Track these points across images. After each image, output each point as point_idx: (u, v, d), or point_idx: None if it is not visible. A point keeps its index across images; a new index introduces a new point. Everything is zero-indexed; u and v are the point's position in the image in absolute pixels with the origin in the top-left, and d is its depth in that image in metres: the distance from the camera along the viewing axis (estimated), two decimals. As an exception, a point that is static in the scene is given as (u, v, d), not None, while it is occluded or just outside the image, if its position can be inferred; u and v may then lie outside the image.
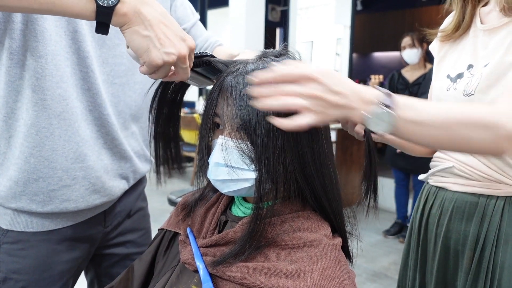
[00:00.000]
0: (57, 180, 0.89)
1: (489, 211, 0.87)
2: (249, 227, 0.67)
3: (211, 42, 1.16)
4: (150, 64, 0.64)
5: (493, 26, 0.88)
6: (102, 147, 0.95)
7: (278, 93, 0.58)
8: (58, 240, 0.94)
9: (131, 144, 1.03)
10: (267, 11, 4.57)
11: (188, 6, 1.14)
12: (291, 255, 0.66)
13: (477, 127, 0.62)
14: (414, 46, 3.12)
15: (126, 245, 1.11)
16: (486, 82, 0.83)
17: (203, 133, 0.72)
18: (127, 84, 0.98)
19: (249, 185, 0.69)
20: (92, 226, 1.00)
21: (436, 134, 0.63)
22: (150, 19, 0.63)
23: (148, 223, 1.19)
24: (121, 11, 0.62)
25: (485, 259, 0.87)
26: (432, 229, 0.98)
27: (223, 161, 0.69)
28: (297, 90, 0.58)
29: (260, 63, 0.70)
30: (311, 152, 0.68)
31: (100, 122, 0.94)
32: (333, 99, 0.58)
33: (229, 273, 0.66)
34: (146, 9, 0.64)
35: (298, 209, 0.72)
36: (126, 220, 1.10)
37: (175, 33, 0.66)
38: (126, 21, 0.63)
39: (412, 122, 0.62)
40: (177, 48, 0.65)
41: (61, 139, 0.88)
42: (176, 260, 0.78)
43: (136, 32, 0.63)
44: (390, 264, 2.92)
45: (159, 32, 0.64)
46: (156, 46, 0.63)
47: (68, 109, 0.87)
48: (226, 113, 0.69)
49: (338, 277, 0.63)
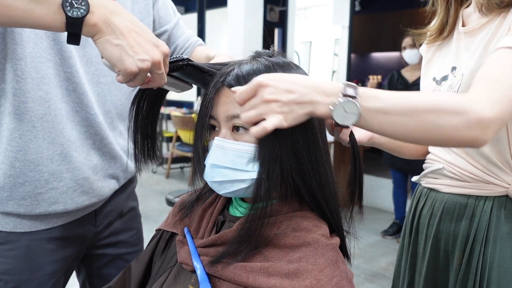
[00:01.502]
0: (43, 183, 0.89)
1: (478, 211, 0.88)
2: (246, 226, 0.67)
3: (191, 42, 1.16)
4: (125, 72, 0.64)
5: (473, 27, 0.88)
6: (91, 148, 0.95)
7: (247, 109, 0.63)
8: (47, 240, 0.94)
9: (120, 143, 1.03)
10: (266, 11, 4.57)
11: (170, 6, 1.14)
12: (289, 255, 0.66)
13: (446, 113, 0.62)
14: (415, 47, 3.13)
15: (117, 246, 1.11)
16: (467, 83, 0.84)
17: (198, 135, 0.72)
18: (112, 83, 0.97)
19: (246, 185, 0.69)
20: (82, 225, 1.00)
21: (404, 123, 0.62)
22: (121, 28, 0.63)
23: (139, 223, 1.19)
24: (90, 21, 0.62)
25: (474, 259, 0.88)
26: (423, 230, 0.99)
27: (219, 163, 0.69)
28: (254, 101, 0.63)
29: (254, 63, 0.71)
30: (307, 151, 0.68)
31: (87, 123, 0.93)
32: (289, 97, 0.61)
33: (226, 273, 0.66)
34: (117, 19, 0.64)
35: (296, 209, 0.72)
36: (117, 220, 1.10)
37: (147, 40, 0.66)
38: (97, 31, 0.63)
39: (378, 112, 0.62)
40: (150, 55, 0.65)
41: (45, 141, 0.88)
42: (174, 260, 0.78)
43: (108, 41, 0.63)
44: (388, 264, 2.92)
45: (131, 40, 0.64)
46: (129, 54, 0.63)
47: (51, 111, 0.87)
48: (222, 114, 0.69)
49: (336, 277, 0.63)
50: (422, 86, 1.02)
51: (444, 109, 0.62)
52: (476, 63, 0.83)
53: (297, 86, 0.62)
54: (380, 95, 0.63)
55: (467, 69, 0.85)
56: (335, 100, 0.61)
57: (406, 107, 0.62)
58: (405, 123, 0.63)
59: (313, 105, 0.62)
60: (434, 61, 1.00)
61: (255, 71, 0.69)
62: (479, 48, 0.84)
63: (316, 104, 0.62)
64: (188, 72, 0.75)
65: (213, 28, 6.04)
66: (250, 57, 0.74)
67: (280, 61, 0.72)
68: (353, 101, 0.61)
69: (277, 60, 0.72)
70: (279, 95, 0.61)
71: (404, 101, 0.63)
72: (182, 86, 0.80)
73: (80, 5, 0.61)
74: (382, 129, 0.65)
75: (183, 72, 0.74)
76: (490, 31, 0.83)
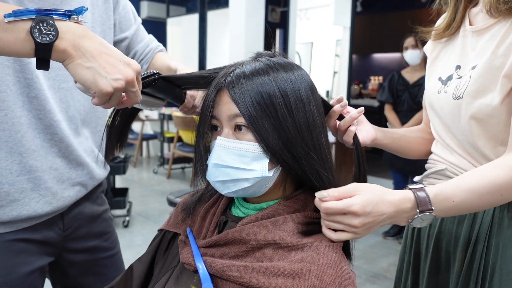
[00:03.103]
0: (4, 195, 0.87)
1: (480, 213, 0.88)
2: (248, 226, 0.68)
3: (152, 47, 1.15)
4: (101, 93, 0.64)
5: (480, 27, 0.88)
6: (56, 156, 0.93)
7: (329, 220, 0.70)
8: (15, 242, 0.91)
9: (86, 149, 1.01)
10: (267, 12, 4.57)
11: (131, 10, 1.13)
12: (292, 256, 0.66)
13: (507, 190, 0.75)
14: (417, 47, 3.11)
15: (91, 251, 1.08)
16: (474, 85, 0.84)
17: (200, 135, 0.72)
18: (74, 88, 0.95)
19: (249, 184, 0.69)
20: (49, 226, 0.97)
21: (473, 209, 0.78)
22: (91, 50, 0.63)
23: (111, 226, 1.16)
24: (60, 47, 0.61)
25: (476, 260, 0.87)
26: (425, 231, 0.99)
27: (222, 162, 0.69)
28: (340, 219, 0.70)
29: (256, 64, 0.71)
30: (309, 149, 0.69)
31: (51, 130, 0.91)
32: (374, 228, 0.72)
33: (229, 274, 0.66)
34: (86, 42, 0.64)
35: (298, 209, 0.72)
36: (87, 224, 1.07)
37: (118, 60, 0.66)
38: (67, 56, 0.63)
39: (450, 210, 0.76)
40: (123, 73, 0.65)
41: (2, 151, 0.86)
42: (176, 260, 0.78)
43: (79, 65, 0.63)
44: (389, 265, 2.92)
45: (102, 61, 0.64)
46: (102, 75, 0.63)
47: (8, 119, 0.85)
48: (224, 114, 0.70)
49: (339, 278, 0.63)
50: (427, 85, 1.01)
51: (506, 188, 0.74)
52: (485, 66, 0.82)
53: (382, 209, 0.70)
54: (450, 195, 0.74)
55: (474, 71, 0.85)
56: (414, 215, 0.73)
57: (474, 198, 0.75)
58: (474, 209, 0.78)
59: (393, 220, 0.73)
60: (439, 60, 1.00)
61: (258, 71, 0.69)
62: (488, 51, 0.83)
63: (398, 220, 0.74)
64: (160, 86, 0.76)
65: (215, 29, 6.04)
66: (251, 57, 0.75)
67: (281, 61, 0.72)
68: (428, 213, 0.73)
69: (278, 61, 0.72)
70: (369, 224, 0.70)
71: (472, 193, 0.74)
72: (154, 103, 0.81)
73: (49, 31, 0.60)
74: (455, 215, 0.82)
75: (154, 87, 0.75)
76: (499, 34, 0.82)
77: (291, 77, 0.70)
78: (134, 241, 3.24)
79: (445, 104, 0.92)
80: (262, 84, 0.68)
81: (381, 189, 0.73)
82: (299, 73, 0.72)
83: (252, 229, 0.69)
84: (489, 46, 0.84)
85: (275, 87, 0.68)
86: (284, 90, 0.68)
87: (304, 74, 0.73)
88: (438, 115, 0.94)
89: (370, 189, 0.71)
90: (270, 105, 0.67)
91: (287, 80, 0.69)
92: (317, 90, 0.74)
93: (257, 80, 0.68)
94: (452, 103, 0.89)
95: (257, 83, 0.68)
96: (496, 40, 0.82)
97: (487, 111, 0.82)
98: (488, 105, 0.81)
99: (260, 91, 0.67)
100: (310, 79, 0.74)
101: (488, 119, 0.82)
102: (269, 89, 0.68)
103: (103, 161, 1.09)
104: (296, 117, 0.68)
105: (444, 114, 0.92)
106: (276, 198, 0.74)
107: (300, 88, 0.70)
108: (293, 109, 0.68)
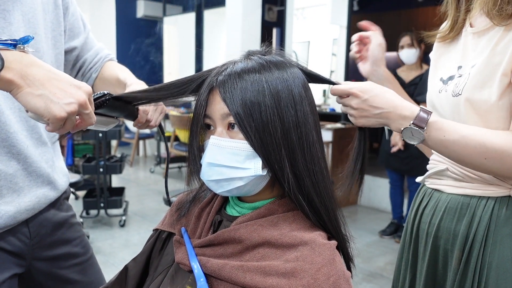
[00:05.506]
0: None
1: (479, 211, 0.88)
2: (243, 225, 0.67)
3: (101, 56, 1.13)
4: (55, 119, 0.63)
5: (480, 28, 0.89)
6: (16, 170, 0.90)
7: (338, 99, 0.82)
8: None
9: (48, 160, 0.98)
10: (264, 11, 4.57)
11: (80, 17, 1.10)
12: (286, 255, 0.65)
13: (493, 159, 0.76)
14: (413, 46, 3.11)
15: (63, 259, 1.05)
16: (473, 82, 0.85)
17: (194, 135, 0.72)
18: None
19: (243, 183, 0.69)
20: (14, 234, 0.94)
21: (457, 157, 0.80)
22: (40, 78, 0.62)
23: (80, 231, 1.12)
24: (6, 77, 0.60)
25: (473, 259, 0.88)
26: (424, 228, 0.99)
27: (216, 161, 0.69)
28: (342, 100, 0.81)
29: (248, 62, 0.71)
30: (302, 149, 0.69)
31: (8, 143, 0.88)
32: (373, 112, 0.78)
33: (224, 273, 0.66)
34: (34, 70, 0.62)
35: (293, 208, 0.72)
36: (54, 231, 1.04)
37: (69, 84, 0.65)
38: (14, 87, 0.61)
39: (438, 142, 0.79)
40: (75, 97, 0.64)
41: None
42: (171, 260, 0.78)
43: (29, 94, 0.62)
44: (386, 264, 2.93)
45: (52, 87, 0.63)
46: (54, 101, 0.62)
47: None
48: (217, 113, 0.69)
49: (333, 276, 0.63)
50: (429, 86, 1.02)
51: (491, 155, 0.76)
52: (484, 63, 0.83)
53: (380, 103, 0.77)
54: (446, 128, 0.78)
55: (473, 68, 0.86)
56: (406, 124, 0.77)
57: (460, 144, 0.77)
58: (455, 157, 0.81)
59: (388, 121, 0.78)
60: (442, 61, 1.01)
61: (249, 69, 0.69)
62: (487, 48, 0.84)
63: (391, 122, 0.78)
64: (112, 105, 0.76)
65: (211, 28, 6.04)
66: (243, 56, 0.74)
67: (274, 59, 0.72)
68: (419, 130, 0.77)
69: (271, 59, 0.72)
70: (363, 109, 0.77)
71: (462, 138, 0.77)
72: (109, 121, 0.81)
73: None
74: (437, 151, 0.83)
75: (107, 107, 0.75)
76: (499, 32, 0.83)
77: (283, 75, 0.70)
78: (130, 240, 3.24)
79: (445, 102, 0.93)
80: (252, 83, 0.67)
81: (391, 92, 0.80)
82: (292, 71, 0.72)
83: (246, 228, 0.69)
84: (488, 44, 0.85)
85: (265, 86, 0.67)
86: (275, 88, 0.68)
87: (297, 72, 0.72)
88: (440, 114, 0.95)
89: (381, 86, 0.79)
90: (257, 104, 0.67)
91: (279, 78, 0.69)
92: (310, 88, 0.74)
93: (247, 79, 0.68)
94: (452, 100, 0.90)
95: (248, 82, 0.68)
96: (495, 39, 0.83)
97: (486, 107, 0.83)
98: (487, 101, 0.82)
99: (250, 90, 0.67)
100: (303, 76, 0.73)
101: (487, 115, 0.83)
102: (259, 87, 0.67)
103: (65, 171, 1.07)
104: (285, 116, 0.67)
105: (445, 112, 0.93)
106: (271, 197, 0.74)
107: (292, 86, 0.69)
108: (283, 107, 0.67)
